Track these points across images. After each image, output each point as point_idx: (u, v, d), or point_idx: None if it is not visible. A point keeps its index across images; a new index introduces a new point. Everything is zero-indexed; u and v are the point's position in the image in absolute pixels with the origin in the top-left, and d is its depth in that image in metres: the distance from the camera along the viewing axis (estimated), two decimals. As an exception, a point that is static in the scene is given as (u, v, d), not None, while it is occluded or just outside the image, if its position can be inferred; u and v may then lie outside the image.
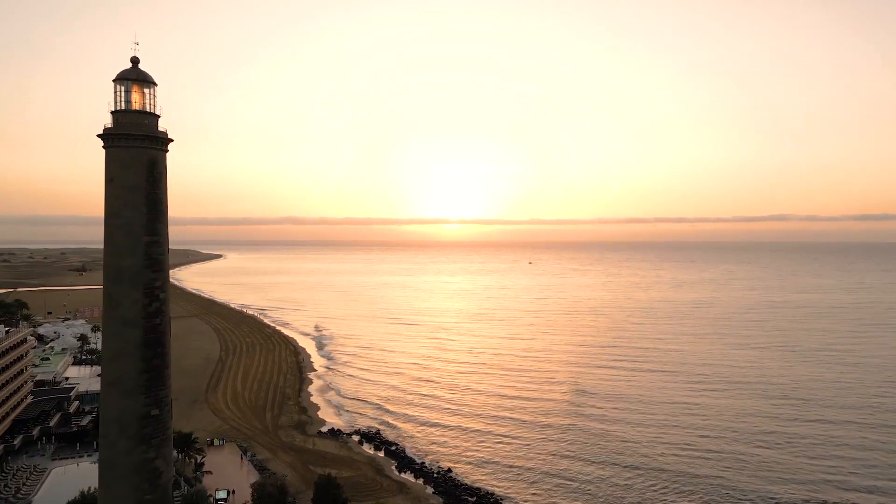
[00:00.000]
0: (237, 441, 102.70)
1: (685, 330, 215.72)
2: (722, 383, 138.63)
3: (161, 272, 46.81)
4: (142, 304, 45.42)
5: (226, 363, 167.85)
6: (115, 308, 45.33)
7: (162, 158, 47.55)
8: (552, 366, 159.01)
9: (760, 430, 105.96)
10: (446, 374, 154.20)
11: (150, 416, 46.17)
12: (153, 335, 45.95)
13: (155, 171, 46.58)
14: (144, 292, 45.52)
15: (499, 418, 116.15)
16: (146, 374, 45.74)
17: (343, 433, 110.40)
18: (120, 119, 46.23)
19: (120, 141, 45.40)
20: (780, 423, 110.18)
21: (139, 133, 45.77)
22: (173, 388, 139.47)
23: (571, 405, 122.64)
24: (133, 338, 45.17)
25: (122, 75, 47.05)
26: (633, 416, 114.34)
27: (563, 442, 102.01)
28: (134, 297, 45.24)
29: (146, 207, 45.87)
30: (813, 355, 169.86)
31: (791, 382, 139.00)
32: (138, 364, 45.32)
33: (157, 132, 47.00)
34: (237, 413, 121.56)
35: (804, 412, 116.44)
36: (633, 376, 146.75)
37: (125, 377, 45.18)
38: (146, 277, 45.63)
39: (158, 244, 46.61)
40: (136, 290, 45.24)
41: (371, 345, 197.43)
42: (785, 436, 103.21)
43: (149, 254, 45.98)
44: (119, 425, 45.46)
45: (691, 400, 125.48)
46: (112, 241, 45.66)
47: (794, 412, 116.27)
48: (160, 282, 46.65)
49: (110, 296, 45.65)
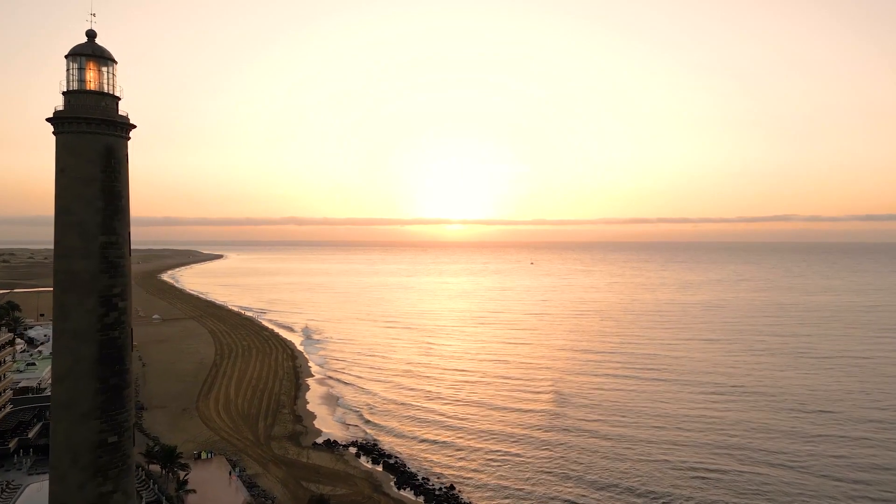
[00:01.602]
0: (226, 454, 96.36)
1: (695, 335, 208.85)
2: (736, 393, 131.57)
3: (120, 277, 40.55)
4: (97, 314, 39.23)
5: (220, 368, 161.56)
6: (66, 320, 39.13)
7: (121, 146, 41.27)
8: (558, 375, 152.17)
9: (779, 447, 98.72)
10: (449, 381, 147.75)
11: (107, 444, 39.93)
12: (110, 350, 39.72)
13: (113, 160, 40.33)
14: (100, 301, 39.31)
15: (504, 431, 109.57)
16: (102, 395, 39.54)
17: (339, 444, 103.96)
18: (72, 101, 40.06)
19: (71, 126, 39.24)
20: (800, 439, 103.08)
21: (94, 117, 39.52)
22: (164, 395, 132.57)
23: (579, 420, 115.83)
24: (86, 354, 38.96)
25: (76, 50, 40.82)
26: (641, 432, 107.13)
27: (569, 460, 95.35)
28: (87, 306, 39.03)
29: (102, 202, 39.66)
30: (831, 363, 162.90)
31: (810, 392, 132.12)
32: (93, 384, 39.15)
33: (117, 116, 40.73)
34: (228, 422, 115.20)
35: (826, 426, 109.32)
36: (641, 386, 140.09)
37: (77, 399, 39.00)
38: (102, 284, 39.41)
39: (117, 245, 40.35)
40: (90, 299, 39.03)
41: (371, 349, 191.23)
42: (805, 455, 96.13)
43: (105, 256, 39.74)
44: (71, 455, 39.21)
45: (703, 413, 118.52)
46: (62, 241, 39.43)
47: (815, 427, 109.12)
48: (119, 288, 40.39)
49: (61, 306, 39.41)
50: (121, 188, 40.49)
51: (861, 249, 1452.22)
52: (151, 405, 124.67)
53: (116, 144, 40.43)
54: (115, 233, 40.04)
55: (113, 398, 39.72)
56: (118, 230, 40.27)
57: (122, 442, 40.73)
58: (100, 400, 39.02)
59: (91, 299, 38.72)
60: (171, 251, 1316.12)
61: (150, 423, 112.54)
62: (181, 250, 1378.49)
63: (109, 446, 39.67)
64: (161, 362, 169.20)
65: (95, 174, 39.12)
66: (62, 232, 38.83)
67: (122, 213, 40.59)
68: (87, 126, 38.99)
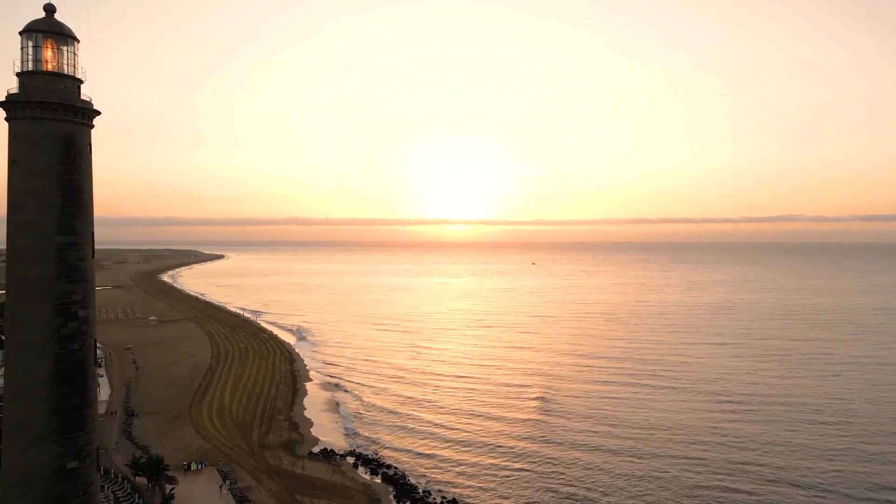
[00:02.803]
0: (218, 465, 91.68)
1: (703, 339, 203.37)
2: (748, 402, 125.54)
3: (81, 283, 35.84)
4: (53, 325, 34.53)
5: (216, 372, 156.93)
6: (18, 331, 34.45)
7: (83, 135, 36.54)
8: (564, 383, 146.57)
9: (796, 464, 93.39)
10: (452, 388, 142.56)
11: (66, 471, 35.22)
12: (68, 365, 35.04)
13: (73, 150, 35.62)
14: (57, 309, 34.62)
15: (507, 443, 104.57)
16: (59, 416, 34.81)
17: (337, 454, 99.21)
18: (26, 83, 35.34)
19: (25, 111, 34.56)
20: (818, 453, 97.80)
21: (51, 101, 34.85)
22: (156, 400, 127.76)
23: (584, 432, 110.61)
24: (41, 370, 34.28)
25: (32, 27, 36.10)
26: (652, 447, 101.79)
27: (574, 477, 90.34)
28: (43, 316, 34.35)
29: (60, 198, 34.93)
30: (847, 368, 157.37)
31: (827, 402, 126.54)
32: (48, 404, 34.45)
33: (77, 100, 36.04)
34: (221, 430, 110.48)
35: (845, 439, 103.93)
36: (650, 395, 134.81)
37: (30, 421, 34.31)
38: (59, 290, 34.71)
39: (77, 246, 35.64)
40: (46, 308, 34.33)
41: (372, 352, 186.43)
42: (825, 472, 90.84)
43: (63, 259, 35.02)
44: (23, 484, 34.56)
45: (715, 425, 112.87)
46: (14, 243, 34.74)
47: (833, 439, 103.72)
48: (80, 295, 35.69)
49: (13, 316, 34.73)
50: (82, 182, 35.86)
51: (865, 250, 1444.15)
52: (143, 411, 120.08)
53: (77, 132, 35.82)
54: (75, 232, 35.42)
55: (72, 419, 35.10)
56: (79, 229, 35.63)
57: (84, 468, 36.07)
58: (56, 421, 34.40)
59: (46, 308, 34.12)
60: (171, 251, 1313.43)
61: (140, 431, 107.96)
62: (182, 250, 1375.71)
63: (68, 473, 35.06)
64: (155, 365, 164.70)
65: (52, 166, 34.54)
66: (14, 232, 34.22)
67: (83, 211, 35.95)
68: (43, 111, 34.38)
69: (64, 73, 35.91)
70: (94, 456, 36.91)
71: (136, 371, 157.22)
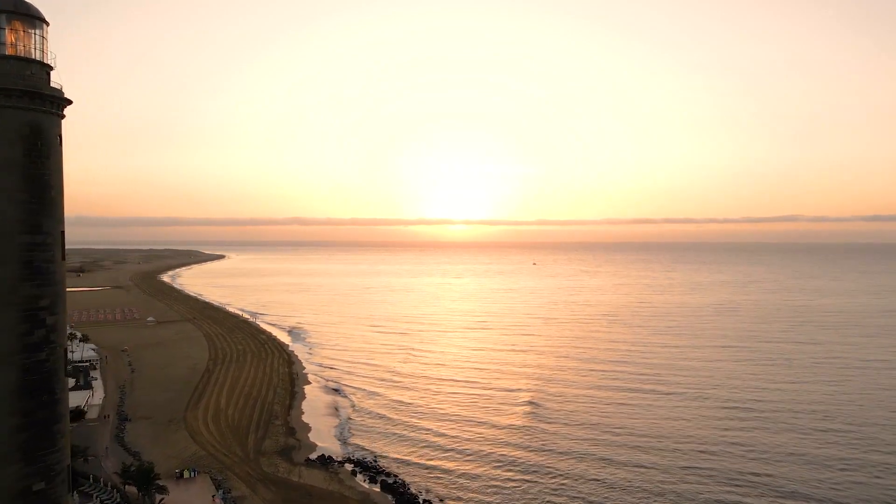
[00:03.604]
0: (212, 472, 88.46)
1: (709, 342, 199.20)
2: (758, 411, 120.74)
3: (49, 286, 32.81)
4: (17, 332, 31.50)
5: (213, 374, 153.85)
6: (-21, 339, 31.47)
7: (52, 125, 33.52)
8: (570, 389, 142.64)
9: (810, 476, 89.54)
10: (455, 393, 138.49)
11: (32, 493, 32.18)
12: (35, 377, 32.03)
13: (40, 141, 32.58)
14: (21, 316, 31.59)
15: (513, 452, 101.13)
16: (24, 432, 31.77)
17: (335, 461, 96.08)
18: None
19: (-14, 98, 31.53)
20: (833, 465, 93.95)
21: (16, 87, 31.81)
22: (151, 404, 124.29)
23: (590, 442, 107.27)
24: (4, 381, 31.26)
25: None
26: (662, 459, 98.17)
27: (581, 491, 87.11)
28: (6, 322, 31.31)
29: (25, 194, 31.88)
30: (859, 374, 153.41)
31: (838, 409, 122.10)
32: (12, 419, 31.41)
33: (46, 87, 33.00)
34: (217, 435, 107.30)
35: (862, 451, 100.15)
36: (658, 403, 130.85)
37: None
38: (24, 294, 31.66)
39: (45, 247, 32.62)
40: (9, 313, 31.30)
41: (372, 355, 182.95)
42: (841, 483, 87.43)
43: (28, 260, 31.96)
44: (-16, 507, 31.60)
45: (724, 435, 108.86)
46: (-26, 242, 31.76)
47: (849, 451, 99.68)
48: (48, 300, 32.67)
49: (-27, 321, 31.76)
50: (50, 176, 32.89)
51: (868, 250, 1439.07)
52: (136, 416, 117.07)
53: (45, 123, 32.84)
54: (42, 231, 32.45)
55: (39, 435, 32.12)
56: (46, 228, 32.66)
57: (53, 489, 33.10)
58: (21, 438, 31.42)
59: (10, 314, 31.15)
60: (172, 251, 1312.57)
61: (133, 437, 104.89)
62: (183, 250, 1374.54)
63: (35, 495, 32.09)
64: (152, 367, 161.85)
65: (16, 158, 31.54)
66: (-26, 230, 31.33)
67: (51, 208, 32.98)
68: (7, 99, 31.37)
69: (31, 57, 32.97)
70: (64, 475, 33.92)
71: (132, 373, 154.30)
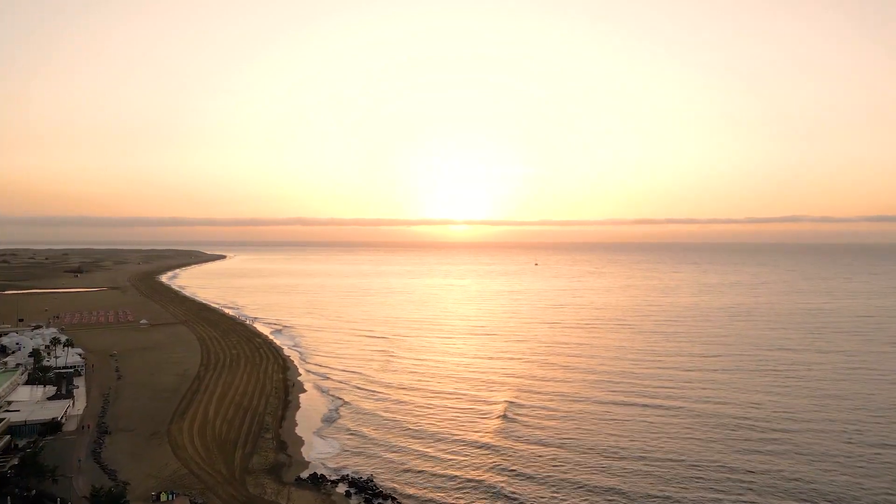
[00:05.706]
0: (192, 495, 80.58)
1: (723, 351, 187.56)
2: (776, 431, 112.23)
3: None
4: None
5: (203, 381, 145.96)
6: None
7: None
8: (576, 404, 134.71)
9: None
10: (454, 406, 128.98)
11: None
12: None
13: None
14: None
15: (517, 470, 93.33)
16: None
17: (327, 480, 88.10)
18: None
19: None
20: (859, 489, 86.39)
21: None
22: (134, 415, 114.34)
23: (599, 465, 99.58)
24: None
25: None
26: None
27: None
28: None
29: None
30: (886, 387, 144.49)
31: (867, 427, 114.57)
32: None
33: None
34: (201, 451, 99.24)
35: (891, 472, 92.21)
36: (674, 420, 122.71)
37: None
38: None
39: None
40: None
41: (371, 362, 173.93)
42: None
43: None
44: None
45: (747, 462, 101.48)
46: None
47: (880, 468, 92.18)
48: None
49: None
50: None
51: (873, 250, 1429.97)
52: (117, 427, 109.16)
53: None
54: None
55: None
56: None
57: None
58: None
59: None
60: (173, 251, 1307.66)
61: (112, 452, 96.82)
62: (184, 251, 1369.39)
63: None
64: (139, 373, 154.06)
65: None
66: None
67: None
68: None
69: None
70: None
71: (118, 380, 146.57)
